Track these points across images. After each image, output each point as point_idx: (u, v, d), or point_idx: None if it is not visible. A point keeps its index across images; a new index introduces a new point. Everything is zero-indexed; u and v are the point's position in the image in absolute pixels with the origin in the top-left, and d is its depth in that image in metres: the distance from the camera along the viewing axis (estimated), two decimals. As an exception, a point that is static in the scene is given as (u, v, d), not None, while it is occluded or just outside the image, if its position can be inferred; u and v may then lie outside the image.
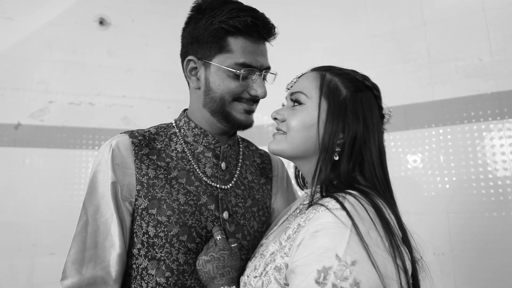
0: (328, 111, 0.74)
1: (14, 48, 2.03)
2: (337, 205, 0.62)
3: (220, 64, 0.81)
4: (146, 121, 2.22)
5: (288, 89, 0.83)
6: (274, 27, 0.84)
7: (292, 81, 0.83)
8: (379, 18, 2.01)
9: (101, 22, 2.18)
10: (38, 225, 1.95)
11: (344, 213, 0.61)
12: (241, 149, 0.96)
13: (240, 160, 0.94)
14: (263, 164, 0.99)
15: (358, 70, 0.82)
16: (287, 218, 0.83)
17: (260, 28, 0.81)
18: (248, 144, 1.01)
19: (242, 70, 0.80)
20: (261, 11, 0.84)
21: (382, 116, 0.79)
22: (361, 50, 2.04)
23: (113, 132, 2.13)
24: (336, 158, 0.73)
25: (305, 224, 0.64)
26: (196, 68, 0.84)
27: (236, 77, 0.81)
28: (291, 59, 2.03)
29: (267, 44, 0.87)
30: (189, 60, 0.84)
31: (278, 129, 0.81)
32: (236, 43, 0.80)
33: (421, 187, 1.84)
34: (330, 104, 0.74)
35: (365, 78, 0.78)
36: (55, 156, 2.02)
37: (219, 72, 0.81)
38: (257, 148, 1.03)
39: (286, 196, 1.00)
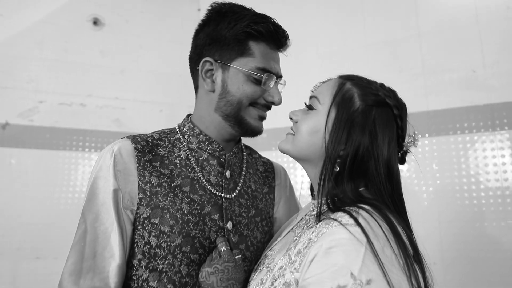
0: (335, 120, 0.73)
1: (4, 45, 1.97)
2: (351, 221, 0.61)
3: (241, 67, 0.80)
4: (139, 124, 2.19)
5: (312, 91, 0.83)
6: (289, 38, 0.85)
7: (316, 85, 0.82)
8: (375, 27, 2.03)
9: (95, 22, 2.14)
10: (23, 228, 1.88)
11: (358, 229, 0.59)
12: (244, 157, 0.94)
13: (244, 168, 0.92)
14: (266, 173, 0.98)
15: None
16: (292, 229, 0.82)
17: (280, 36, 0.82)
18: (251, 151, 0.99)
19: (265, 74, 0.80)
20: None
21: (401, 137, 0.76)
22: (357, 57, 2.05)
23: (104, 135, 2.09)
24: (336, 169, 0.72)
25: (317, 239, 0.62)
26: (211, 70, 0.83)
27: (256, 81, 0.81)
28: (287, 63, 2.02)
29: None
30: (206, 61, 0.82)
31: (291, 129, 0.81)
32: (257, 47, 0.81)
33: (414, 196, 1.85)
34: (339, 113, 0.73)
35: (388, 94, 0.75)
36: (43, 157, 1.96)
37: (239, 75, 0.80)
38: (260, 156, 1.01)
39: (288, 205, 0.99)
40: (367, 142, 0.70)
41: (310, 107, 0.78)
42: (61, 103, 2.03)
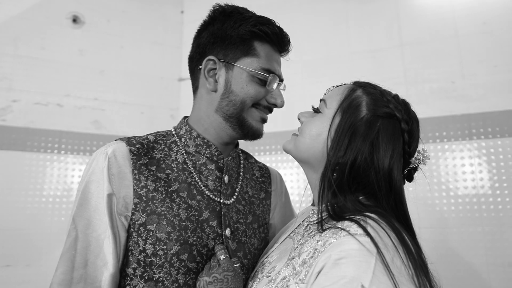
0: (338, 126, 0.71)
1: (-25, 40, 1.86)
2: (360, 230, 0.59)
3: (246, 67, 0.78)
4: (118, 126, 2.12)
5: (324, 94, 0.81)
6: (290, 42, 0.85)
7: (329, 88, 0.81)
8: (359, 36, 2.07)
9: (75, 20, 2.06)
10: (-9, 234, 1.77)
11: (368, 239, 0.57)
12: (241, 162, 0.92)
13: (241, 173, 0.89)
14: (263, 178, 0.96)
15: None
16: (290, 235, 0.80)
17: (284, 38, 0.82)
18: (247, 156, 0.97)
19: (271, 75, 0.79)
20: None
21: (407, 153, 0.73)
22: (341, 65, 2.08)
23: (82, 136, 2.01)
24: (334, 176, 0.71)
25: (324, 249, 0.60)
26: (215, 69, 0.80)
27: (260, 82, 0.79)
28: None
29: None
30: (209, 60, 0.80)
31: (298, 130, 0.80)
32: (262, 48, 0.80)
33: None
34: (343, 119, 0.71)
35: (399, 107, 0.73)
36: (16, 159, 1.85)
37: (243, 75, 0.78)
38: (256, 161, 0.99)
39: (284, 211, 0.97)
40: (367, 152, 0.69)
41: (316, 110, 0.77)
42: (37, 102, 1.93)
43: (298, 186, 2.03)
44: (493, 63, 1.81)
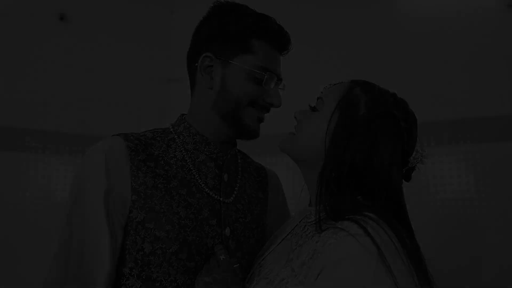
0: (336, 124, 0.71)
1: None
2: (360, 231, 0.58)
3: (242, 64, 0.77)
4: (105, 127, 2.05)
5: (321, 93, 0.81)
6: (291, 41, 0.83)
7: (326, 86, 0.80)
8: (348, 38, 2.09)
9: (62, 17, 2.01)
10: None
11: (368, 239, 0.56)
12: (239, 161, 0.91)
13: (240, 173, 0.88)
14: (260, 178, 0.95)
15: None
16: (287, 236, 0.79)
17: (283, 37, 0.81)
18: (243, 155, 0.96)
19: (267, 73, 0.77)
20: None
21: (406, 152, 0.72)
22: (330, 68, 2.09)
23: (66, 136, 1.96)
24: (332, 175, 0.70)
25: (323, 250, 0.59)
26: (211, 66, 0.79)
27: (256, 80, 0.77)
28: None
29: None
30: (206, 57, 0.78)
31: (295, 128, 0.79)
32: (260, 46, 0.78)
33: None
34: (341, 118, 0.71)
35: (398, 106, 0.72)
36: (-3, 159, 1.79)
37: (239, 73, 0.77)
38: (252, 161, 0.98)
39: (279, 211, 0.96)
40: (366, 151, 0.68)
41: (314, 109, 0.76)
42: (20, 101, 1.87)
43: (293, 190, 2.02)
44: (478, 70, 1.86)
